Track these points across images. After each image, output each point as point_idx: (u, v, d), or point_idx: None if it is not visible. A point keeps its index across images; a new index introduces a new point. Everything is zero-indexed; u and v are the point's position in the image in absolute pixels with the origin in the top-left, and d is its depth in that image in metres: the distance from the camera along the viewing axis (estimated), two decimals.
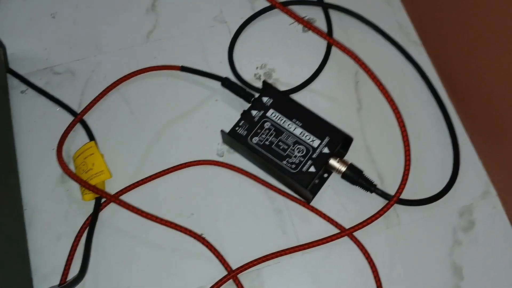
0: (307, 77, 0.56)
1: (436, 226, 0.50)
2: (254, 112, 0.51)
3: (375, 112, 0.55)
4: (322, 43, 0.58)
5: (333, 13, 0.60)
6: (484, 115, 0.51)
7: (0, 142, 0.51)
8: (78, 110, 0.55)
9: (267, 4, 0.59)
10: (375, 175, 0.52)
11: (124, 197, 0.51)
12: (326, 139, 0.49)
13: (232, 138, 0.50)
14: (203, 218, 0.50)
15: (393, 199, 0.49)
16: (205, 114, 0.55)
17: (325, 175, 0.52)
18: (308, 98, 0.55)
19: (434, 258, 0.49)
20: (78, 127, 0.54)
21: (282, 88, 0.56)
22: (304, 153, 0.49)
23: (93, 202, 0.50)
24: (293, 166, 0.48)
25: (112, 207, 0.51)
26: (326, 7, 0.60)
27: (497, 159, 0.50)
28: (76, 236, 0.49)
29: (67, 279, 0.48)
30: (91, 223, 0.49)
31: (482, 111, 0.51)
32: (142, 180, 0.52)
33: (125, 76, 0.56)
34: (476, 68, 0.50)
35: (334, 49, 0.58)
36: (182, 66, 0.56)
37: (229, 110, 0.55)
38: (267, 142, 0.49)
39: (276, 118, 0.50)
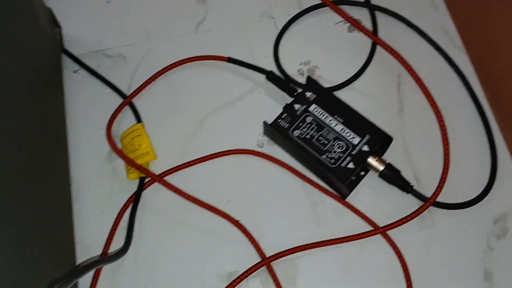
0: (350, 76, 0.57)
1: (470, 231, 0.50)
2: (296, 106, 0.52)
3: (415, 114, 0.55)
4: (366, 45, 0.59)
5: (378, 15, 0.61)
6: None
7: (52, 117, 0.54)
8: (127, 93, 0.57)
9: (315, 2, 0.61)
10: (411, 176, 0.52)
11: (166, 179, 0.53)
12: (367, 137, 0.50)
13: (274, 129, 0.51)
14: (240, 205, 0.52)
15: (429, 201, 0.49)
16: (248, 105, 0.57)
17: (362, 172, 0.53)
18: (350, 96, 0.56)
19: (465, 262, 0.49)
20: (126, 109, 0.56)
21: (324, 85, 0.57)
22: (344, 149, 0.50)
23: (135, 181, 0.52)
24: (332, 161, 0.49)
25: (154, 188, 0.53)
26: (372, 8, 0.61)
27: None
28: (119, 213, 0.51)
29: (108, 252, 0.50)
30: (135, 200, 0.51)
31: None
32: (184, 164, 0.53)
33: (173, 63, 0.58)
34: None
35: (378, 51, 0.59)
36: (229, 58, 0.58)
37: (271, 103, 0.56)
38: (308, 136, 0.51)
39: (318, 113, 0.52)
